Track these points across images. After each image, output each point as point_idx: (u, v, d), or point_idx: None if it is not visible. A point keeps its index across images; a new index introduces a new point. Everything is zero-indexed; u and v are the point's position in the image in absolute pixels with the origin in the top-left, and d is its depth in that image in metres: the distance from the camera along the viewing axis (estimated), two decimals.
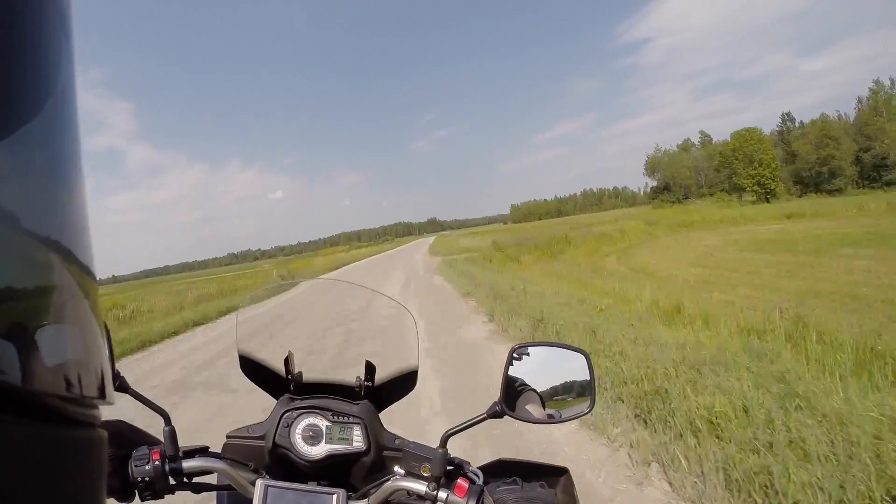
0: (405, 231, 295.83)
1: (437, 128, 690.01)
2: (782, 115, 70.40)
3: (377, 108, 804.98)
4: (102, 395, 0.21)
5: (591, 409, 0.74)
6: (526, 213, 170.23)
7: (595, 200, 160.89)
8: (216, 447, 0.81)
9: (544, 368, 0.74)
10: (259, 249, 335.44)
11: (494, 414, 0.71)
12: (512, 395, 0.73)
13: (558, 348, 0.77)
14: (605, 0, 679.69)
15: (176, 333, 8.43)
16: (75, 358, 0.19)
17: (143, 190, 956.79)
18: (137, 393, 0.75)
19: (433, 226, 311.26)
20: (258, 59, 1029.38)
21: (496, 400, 0.72)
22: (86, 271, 0.20)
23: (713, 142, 76.89)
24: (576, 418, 0.75)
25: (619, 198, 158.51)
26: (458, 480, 0.70)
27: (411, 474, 0.73)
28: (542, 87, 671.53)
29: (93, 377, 0.20)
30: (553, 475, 0.77)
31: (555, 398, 0.74)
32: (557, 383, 0.74)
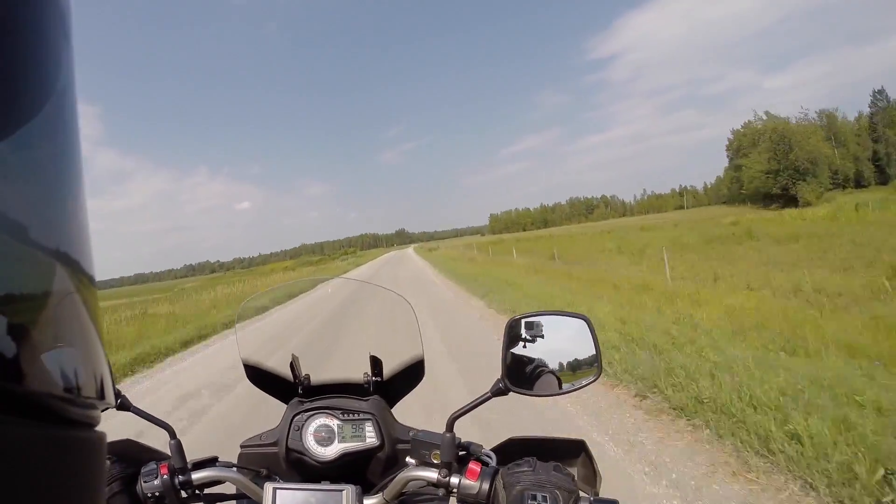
0: (371, 243, 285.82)
1: (405, 140, 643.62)
2: (874, 92, 62.78)
3: (345, 119, 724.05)
4: (102, 395, 0.20)
5: (598, 376, 0.70)
6: (507, 224, 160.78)
7: (583, 210, 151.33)
8: (231, 457, 0.82)
9: (545, 338, 0.71)
10: (218, 261, 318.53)
11: (498, 392, 0.69)
12: (514, 369, 0.70)
13: (557, 316, 0.73)
14: (575, 16, 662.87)
15: None
16: (74, 358, 0.19)
17: (106, 197, 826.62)
18: (140, 409, 0.76)
19: (401, 238, 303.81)
20: (227, 66, 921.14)
21: (498, 377, 0.70)
22: (85, 273, 0.20)
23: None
24: (584, 387, 0.70)
25: (609, 207, 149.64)
26: (470, 464, 0.68)
27: (423, 463, 0.71)
28: (511, 102, 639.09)
29: (91, 377, 0.20)
30: (568, 448, 0.74)
31: (559, 367, 0.70)
32: (560, 352, 0.71)
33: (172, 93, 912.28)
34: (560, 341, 0.72)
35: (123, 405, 0.74)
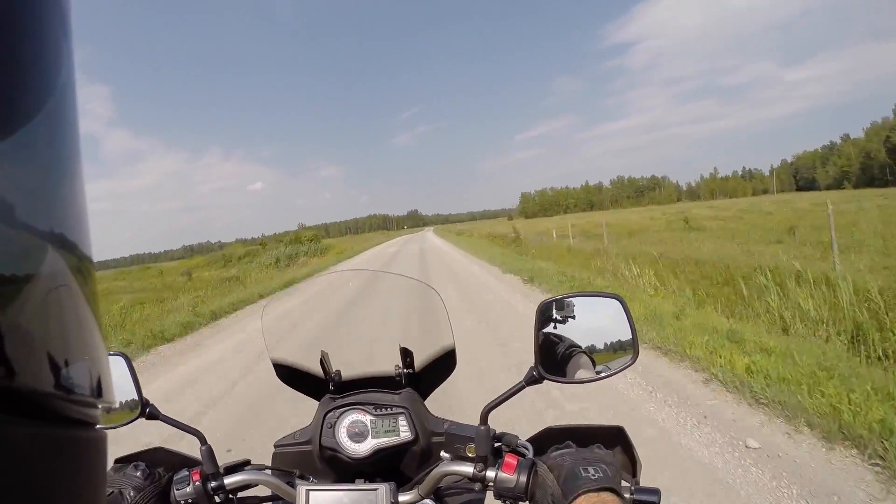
0: (381, 224, 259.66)
1: (419, 123, 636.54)
2: None
3: (359, 101, 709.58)
4: (101, 393, 0.20)
5: (635, 358, 0.67)
6: (543, 205, 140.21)
7: (630, 191, 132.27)
8: (264, 459, 0.81)
9: (577, 321, 0.67)
10: (219, 242, 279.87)
11: (532, 380, 0.66)
12: (548, 356, 0.66)
13: (589, 297, 0.70)
14: (593, 1, 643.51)
15: None
16: (74, 357, 0.18)
17: (118, 178, 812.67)
18: (169, 418, 0.75)
19: (414, 220, 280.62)
20: (241, 46, 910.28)
21: (532, 365, 0.66)
22: (85, 271, 0.20)
23: None
24: (621, 371, 0.67)
25: (661, 189, 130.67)
26: (506, 457, 0.66)
27: (457, 457, 0.70)
28: (526, 87, 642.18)
29: (92, 376, 0.20)
30: (607, 436, 0.69)
31: (594, 351, 0.67)
32: (594, 335, 0.67)
33: (186, 73, 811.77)
34: (593, 324, 0.68)
35: (152, 414, 0.74)
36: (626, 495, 0.58)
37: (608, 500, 0.54)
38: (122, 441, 2.41)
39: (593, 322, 0.68)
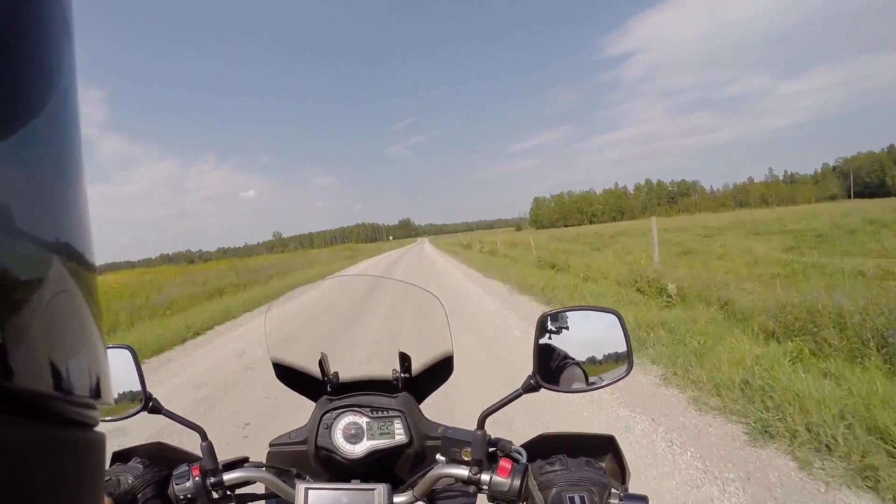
0: (370, 235, 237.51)
1: (414, 133, 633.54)
2: None
3: (355, 110, 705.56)
4: (100, 394, 0.20)
5: (629, 371, 0.69)
6: (561, 212, 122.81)
7: (661, 198, 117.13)
8: (259, 457, 0.81)
9: (575, 333, 0.70)
10: (200, 251, 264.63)
11: (529, 388, 0.68)
12: (546, 365, 0.68)
13: (587, 311, 0.72)
14: (589, 13, 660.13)
15: None
16: (73, 357, 0.18)
17: (113, 183, 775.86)
18: (171, 412, 0.76)
19: (406, 229, 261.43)
20: (237, 52, 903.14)
21: (530, 373, 0.68)
22: (86, 271, 0.20)
23: None
24: (614, 382, 0.69)
25: (697, 194, 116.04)
26: (501, 461, 0.67)
27: (453, 460, 0.71)
28: (522, 98, 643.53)
29: (91, 376, 0.20)
30: (598, 444, 0.73)
31: (590, 363, 0.69)
32: (591, 347, 0.70)
33: (181, 79, 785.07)
34: (590, 335, 0.70)
35: (155, 408, 0.75)
36: (615, 501, 0.61)
37: None
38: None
39: (590, 334, 0.70)
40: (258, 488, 0.77)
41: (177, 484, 0.72)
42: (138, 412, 0.74)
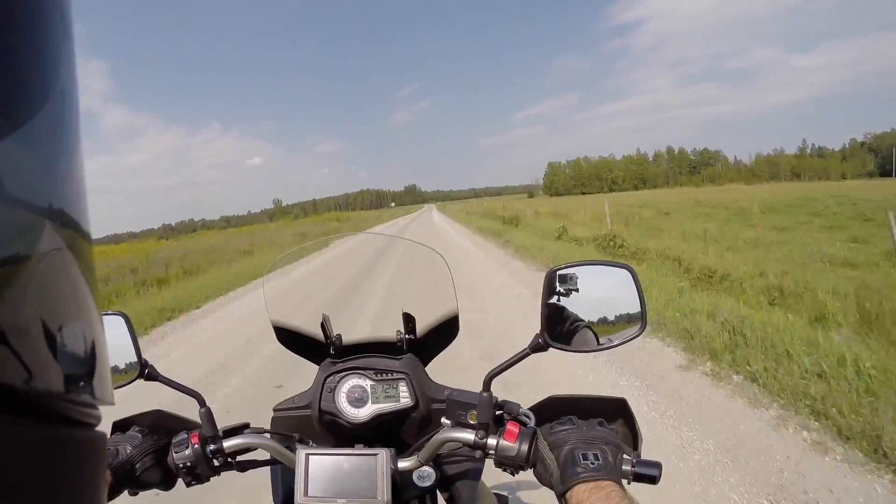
0: (374, 202, 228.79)
1: (419, 99, 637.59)
2: None
3: (359, 76, 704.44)
4: (101, 394, 0.20)
5: (642, 330, 0.66)
6: (579, 179, 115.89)
7: (684, 167, 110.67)
8: (263, 422, 0.80)
9: (586, 290, 0.66)
10: (203, 220, 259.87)
11: (537, 347, 0.65)
12: (554, 324, 0.65)
13: (599, 266, 0.68)
14: None
15: None
16: (74, 357, 0.18)
17: (117, 153, 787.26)
18: (168, 379, 0.74)
19: (412, 195, 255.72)
20: (239, 18, 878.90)
21: (537, 332, 0.65)
22: (85, 270, 0.20)
23: None
24: (627, 342, 0.66)
25: (722, 165, 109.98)
26: (508, 425, 0.66)
27: (459, 424, 0.70)
28: (528, 65, 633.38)
29: (93, 376, 0.20)
30: (609, 408, 0.69)
31: (601, 321, 0.66)
32: (602, 305, 0.66)
33: (183, 45, 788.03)
34: (602, 293, 0.67)
35: (151, 375, 0.74)
36: (627, 467, 0.59)
37: (606, 488, 0.54)
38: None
39: (601, 291, 0.67)
40: (259, 454, 0.76)
41: (176, 452, 0.71)
42: (134, 380, 0.73)
